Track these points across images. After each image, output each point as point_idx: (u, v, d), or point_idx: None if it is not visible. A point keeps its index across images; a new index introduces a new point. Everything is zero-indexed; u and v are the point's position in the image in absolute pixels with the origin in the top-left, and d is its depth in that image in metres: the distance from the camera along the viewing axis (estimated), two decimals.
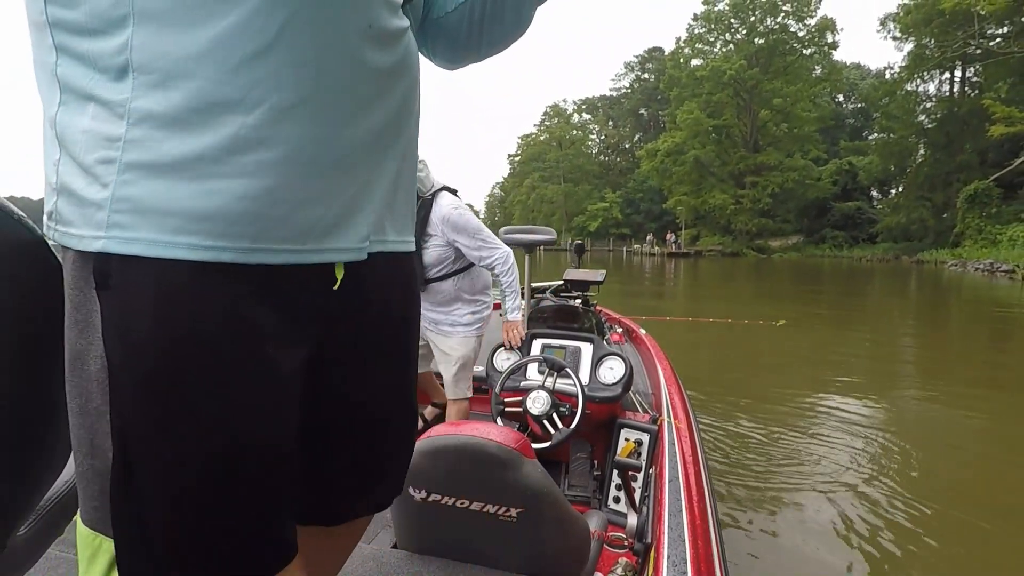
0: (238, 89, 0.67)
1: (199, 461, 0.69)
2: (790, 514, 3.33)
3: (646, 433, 2.47)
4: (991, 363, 8.10)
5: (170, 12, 0.65)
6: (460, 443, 1.42)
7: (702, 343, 8.91)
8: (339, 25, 0.73)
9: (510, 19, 1.04)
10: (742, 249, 47.86)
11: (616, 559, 1.80)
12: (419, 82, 0.92)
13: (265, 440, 0.73)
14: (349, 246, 0.79)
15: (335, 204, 0.76)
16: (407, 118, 0.88)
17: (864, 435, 4.66)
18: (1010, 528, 3.25)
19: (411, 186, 0.95)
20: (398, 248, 0.91)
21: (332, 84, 0.73)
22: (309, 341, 0.79)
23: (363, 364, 0.89)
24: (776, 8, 50.35)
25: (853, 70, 63.59)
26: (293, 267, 0.74)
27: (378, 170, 0.83)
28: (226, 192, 0.68)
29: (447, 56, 1.10)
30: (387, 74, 0.81)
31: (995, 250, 27.85)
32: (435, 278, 2.99)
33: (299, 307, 0.77)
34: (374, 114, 0.80)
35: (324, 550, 1.02)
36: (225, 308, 0.69)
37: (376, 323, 0.90)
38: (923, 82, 41.80)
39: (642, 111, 78.90)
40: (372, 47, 0.77)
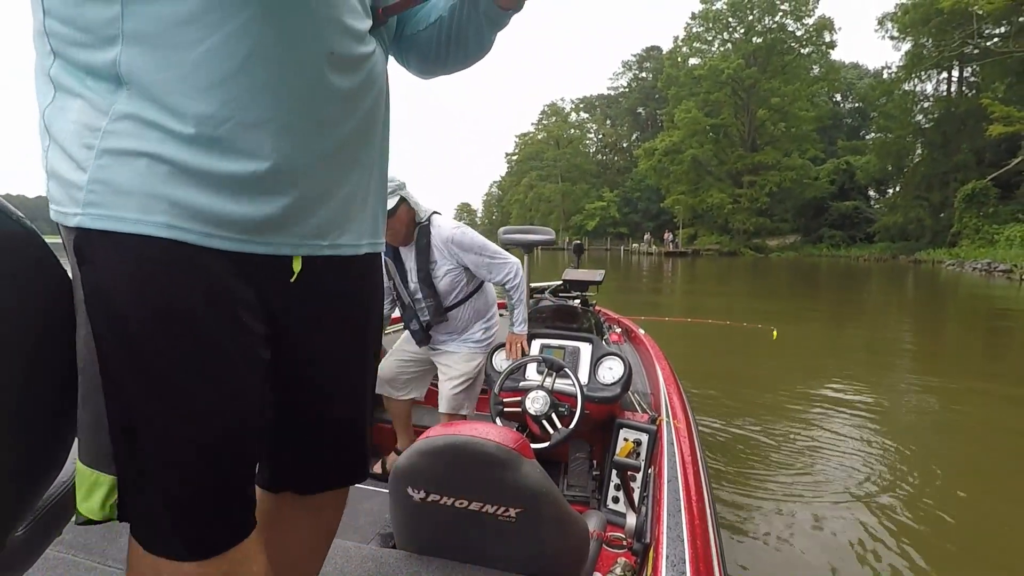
0: (209, 106, 0.77)
1: (184, 420, 0.80)
2: (789, 514, 3.33)
3: (645, 433, 2.46)
4: (991, 363, 8.09)
5: (157, 36, 0.75)
6: (459, 443, 1.41)
7: (701, 343, 8.89)
8: (300, 53, 0.82)
9: (472, 43, 1.14)
10: (739, 248, 47.87)
11: (615, 559, 1.80)
12: (385, 98, 1.02)
13: (240, 403, 0.84)
14: (298, 242, 0.88)
15: (290, 205, 0.85)
16: (371, 132, 0.98)
17: (863, 436, 4.66)
18: (1008, 530, 3.25)
19: (379, 193, 1.06)
20: (362, 251, 1.01)
21: (293, 105, 0.83)
22: (269, 320, 0.90)
23: (326, 346, 1.00)
24: (774, 7, 50.32)
25: (851, 70, 63.59)
26: (250, 255, 0.84)
27: (340, 178, 0.93)
28: (191, 184, 0.77)
29: (419, 68, 1.21)
30: (349, 94, 0.91)
31: (992, 250, 27.88)
32: (452, 305, 2.98)
33: (258, 289, 0.87)
34: (336, 130, 0.89)
35: (304, 526, 1.12)
36: (193, 280, 0.79)
37: (341, 312, 1.01)
38: (920, 82, 41.85)
39: (640, 110, 78.86)
40: (333, 71, 0.87)
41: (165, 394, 0.79)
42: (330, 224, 0.92)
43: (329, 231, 0.93)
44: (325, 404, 1.04)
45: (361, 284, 1.06)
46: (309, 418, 1.03)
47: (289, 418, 1.01)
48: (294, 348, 0.96)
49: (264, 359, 0.88)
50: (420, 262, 2.89)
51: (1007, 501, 3.62)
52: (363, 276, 1.05)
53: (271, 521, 1.08)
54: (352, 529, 2.19)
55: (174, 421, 0.79)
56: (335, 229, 0.94)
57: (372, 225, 1.05)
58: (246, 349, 0.85)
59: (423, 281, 2.90)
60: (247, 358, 0.85)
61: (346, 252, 0.97)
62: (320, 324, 0.99)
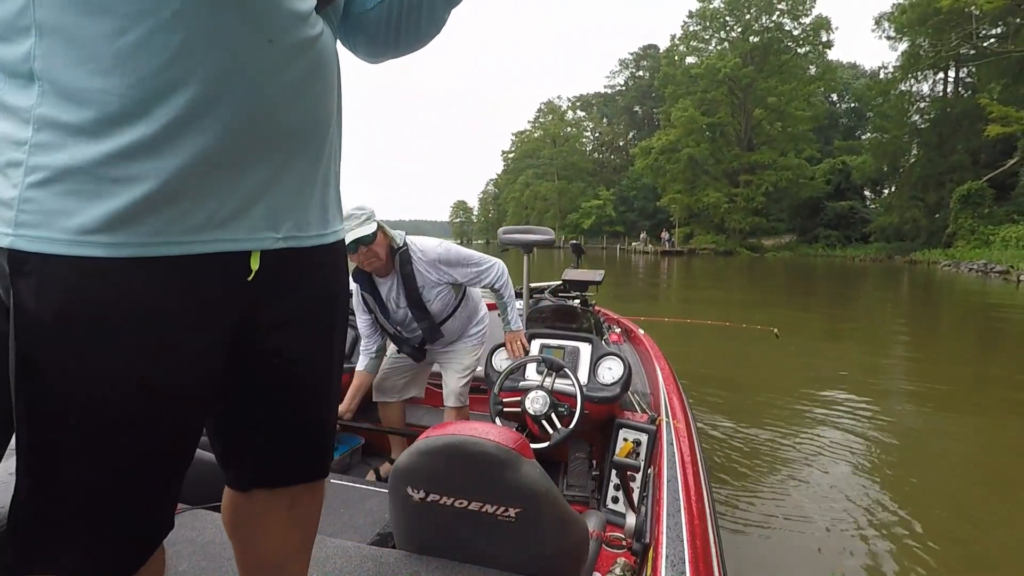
0: (138, 102, 0.73)
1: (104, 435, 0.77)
2: (788, 514, 3.34)
3: (644, 433, 2.47)
4: (992, 365, 8.11)
5: (71, 27, 0.70)
6: (458, 443, 1.42)
7: (700, 344, 8.91)
8: (238, 42, 0.78)
9: (425, 21, 1.10)
10: (736, 248, 47.86)
11: (614, 559, 1.79)
12: (335, 86, 0.99)
13: (165, 431, 0.83)
14: (247, 236, 0.86)
15: (230, 202, 0.83)
16: (319, 121, 0.94)
17: (862, 435, 4.68)
18: (1005, 532, 3.26)
19: (330, 182, 1.02)
20: (318, 242, 0.99)
21: (231, 96, 0.79)
22: (225, 320, 0.87)
23: (291, 339, 0.98)
24: (771, 6, 50.28)
25: (847, 70, 63.63)
26: (198, 256, 0.81)
27: (284, 170, 0.89)
28: (127, 194, 0.74)
29: (367, 51, 1.16)
30: (293, 84, 0.87)
31: (988, 251, 27.92)
32: (445, 319, 2.98)
33: (208, 291, 0.84)
34: (278, 121, 0.85)
35: (280, 521, 1.10)
36: (129, 298, 0.76)
37: (304, 305, 0.99)
38: (917, 82, 41.87)
39: (636, 109, 78.81)
40: (274, 60, 0.83)
41: (81, 418, 0.76)
42: (280, 216, 0.90)
43: (281, 223, 0.90)
44: (290, 399, 1.02)
45: (323, 275, 1.04)
46: (273, 413, 1.01)
47: (252, 414, 1.00)
48: (259, 344, 0.95)
49: (206, 368, 0.86)
50: (408, 289, 2.85)
51: (1008, 504, 3.62)
52: (324, 266, 1.03)
53: (247, 520, 1.10)
54: (352, 529, 2.19)
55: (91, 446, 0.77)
56: (287, 221, 0.91)
57: (326, 214, 1.02)
58: (182, 368, 0.82)
59: (414, 306, 2.88)
60: (180, 380, 0.83)
61: (302, 243, 0.95)
62: (284, 318, 0.97)
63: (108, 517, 0.81)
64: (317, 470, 1.12)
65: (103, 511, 0.80)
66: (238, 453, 1.05)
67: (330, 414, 1.12)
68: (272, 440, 1.03)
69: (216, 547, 1.63)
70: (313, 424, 1.08)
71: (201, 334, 0.84)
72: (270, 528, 1.10)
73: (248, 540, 1.13)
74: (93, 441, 0.77)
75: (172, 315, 0.80)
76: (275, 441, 1.03)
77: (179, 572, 1.54)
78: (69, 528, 0.79)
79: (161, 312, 0.79)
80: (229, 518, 1.13)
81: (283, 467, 1.07)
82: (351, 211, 2.65)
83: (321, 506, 1.20)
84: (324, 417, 1.09)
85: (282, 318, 0.96)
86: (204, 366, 0.86)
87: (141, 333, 0.77)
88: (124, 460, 0.80)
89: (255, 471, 1.07)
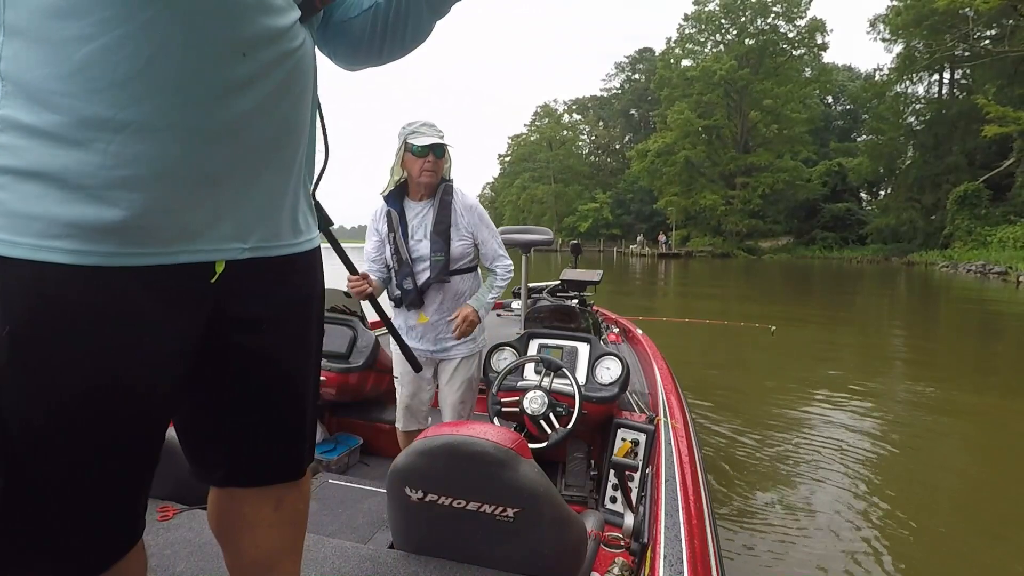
0: (107, 109, 0.71)
1: (71, 441, 0.76)
2: (786, 514, 3.33)
3: (643, 433, 2.46)
4: (993, 369, 8.10)
5: (37, 30, 0.69)
6: (456, 443, 1.41)
7: (698, 343, 8.88)
8: (209, 55, 0.76)
9: (411, 31, 1.09)
10: (732, 250, 47.94)
11: (613, 559, 1.80)
12: (309, 95, 0.97)
13: (128, 434, 0.81)
14: (214, 247, 0.85)
15: (196, 214, 0.81)
16: (291, 134, 0.93)
17: (862, 435, 4.65)
18: (1005, 536, 3.22)
19: (300, 193, 1.00)
20: (287, 251, 0.98)
21: (201, 109, 0.77)
22: (190, 326, 0.86)
23: (269, 338, 0.97)
24: (767, 9, 50.50)
25: (842, 72, 63.80)
26: (164, 266, 0.80)
27: (253, 183, 0.88)
28: (93, 204, 0.72)
29: (348, 59, 1.14)
30: (264, 97, 0.85)
31: (985, 251, 28.02)
32: (456, 271, 2.82)
33: (173, 301, 0.82)
34: (248, 133, 0.84)
35: (266, 520, 1.08)
36: (91, 306, 0.75)
37: (279, 306, 0.98)
38: (912, 84, 42.05)
39: (632, 112, 78.90)
40: (246, 74, 0.81)
41: (43, 423, 0.75)
42: (248, 228, 0.89)
43: (249, 234, 0.89)
44: (268, 399, 1.01)
45: (297, 280, 1.02)
46: (253, 413, 1.00)
47: (232, 414, 0.99)
48: (234, 345, 0.94)
49: (170, 375, 0.85)
50: (441, 216, 2.76)
51: (1004, 507, 3.58)
52: (298, 272, 1.02)
53: (233, 522, 1.10)
54: (350, 529, 2.17)
55: (55, 446, 0.76)
56: (255, 232, 0.90)
57: (296, 224, 1.01)
58: (145, 375, 0.81)
59: (440, 234, 2.74)
60: (143, 387, 0.81)
61: (271, 253, 0.94)
62: (258, 320, 0.95)
63: (75, 521, 0.79)
64: (298, 469, 1.11)
65: (70, 514, 0.78)
66: (217, 451, 1.04)
67: (309, 413, 1.10)
68: (251, 439, 1.02)
69: (213, 547, 1.60)
70: (293, 422, 1.07)
71: (165, 342, 0.83)
72: (257, 529, 1.09)
73: (236, 542, 1.12)
74: (55, 446, 0.75)
75: (136, 323, 0.78)
76: (254, 440, 1.02)
77: (176, 572, 1.54)
78: (33, 532, 0.77)
79: (124, 320, 0.77)
80: (215, 521, 1.13)
81: (263, 465, 1.06)
82: (432, 123, 2.66)
83: (308, 504, 1.19)
84: (303, 416, 1.08)
85: (256, 321, 0.95)
86: (168, 373, 0.85)
87: (104, 340, 0.76)
88: (87, 465, 0.78)
89: (235, 469, 1.05)
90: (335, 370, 3.06)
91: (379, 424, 3.34)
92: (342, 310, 3.54)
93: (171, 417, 0.92)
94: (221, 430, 1.01)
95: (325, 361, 3.05)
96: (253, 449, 1.03)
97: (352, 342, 3.24)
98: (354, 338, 3.24)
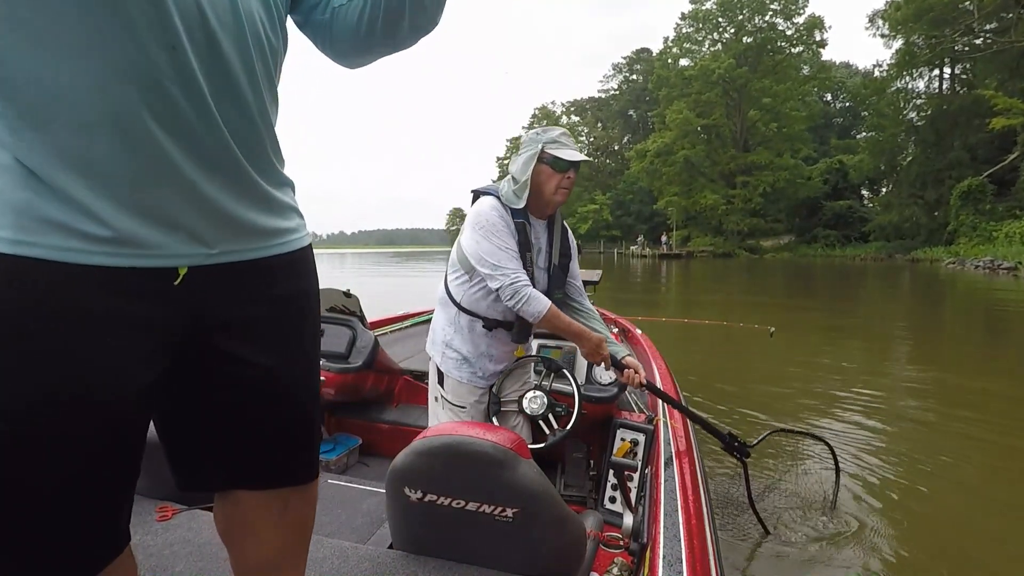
0: (33, 100, 0.71)
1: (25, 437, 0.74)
2: (786, 513, 3.29)
3: (642, 433, 2.51)
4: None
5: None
6: (456, 443, 1.42)
7: (697, 344, 8.77)
8: (138, 44, 0.73)
9: (409, 13, 0.99)
10: (734, 249, 47.88)
11: (612, 559, 1.82)
12: (271, 89, 0.93)
13: (93, 434, 0.78)
14: (171, 253, 0.82)
15: (149, 217, 0.78)
16: (243, 137, 0.88)
17: (861, 436, 4.55)
18: (1006, 537, 3.11)
19: (257, 197, 0.93)
20: (260, 254, 0.94)
21: (135, 110, 0.74)
22: (154, 330, 0.82)
23: (260, 341, 0.95)
24: (764, 6, 50.54)
25: (841, 69, 63.88)
26: (122, 268, 0.78)
27: (206, 186, 0.84)
28: (43, 196, 0.72)
29: (338, 51, 1.06)
30: (203, 95, 0.80)
31: (991, 247, 27.80)
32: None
33: (132, 303, 0.79)
34: (194, 138, 0.80)
35: (271, 523, 1.06)
36: (39, 301, 0.73)
37: (265, 308, 0.96)
38: (912, 79, 41.95)
39: (631, 112, 79.12)
40: (177, 69, 0.77)
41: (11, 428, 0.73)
42: (212, 232, 0.86)
43: (215, 239, 0.86)
44: (264, 404, 0.97)
45: (282, 281, 0.98)
46: (247, 418, 0.97)
47: (225, 420, 0.96)
48: (221, 350, 0.91)
49: (138, 381, 0.81)
50: (564, 248, 2.42)
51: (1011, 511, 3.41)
52: (282, 272, 0.98)
53: (238, 526, 1.06)
54: (349, 529, 2.18)
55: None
56: (221, 236, 0.87)
57: (269, 225, 0.95)
58: (107, 380, 0.78)
59: (563, 268, 2.41)
60: (105, 391, 0.78)
61: (244, 257, 0.91)
62: (243, 323, 0.93)
63: (44, 534, 0.76)
64: (307, 472, 1.07)
65: (38, 527, 0.76)
66: (217, 457, 0.99)
67: (312, 415, 1.06)
68: (250, 443, 0.99)
69: (213, 547, 1.64)
70: (295, 426, 1.03)
71: (126, 346, 0.79)
72: (263, 533, 1.06)
73: (241, 544, 1.08)
74: (12, 454, 0.73)
75: (90, 325, 0.76)
76: (259, 443, 0.99)
77: (176, 572, 1.54)
78: (5, 546, 0.75)
79: (77, 319, 0.75)
80: (221, 525, 1.09)
81: (271, 468, 1.02)
82: (567, 132, 2.28)
83: (315, 508, 1.16)
84: (306, 418, 1.05)
85: (240, 324, 0.92)
86: (134, 379, 0.81)
87: (55, 342, 0.74)
88: (50, 475, 0.75)
89: (240, 472, 1.01)
90: (334, 370, 3.05)
91: (378, 424, 3.34)
92: (341, 310, 3.52)
93: (144, 426, 0.86)
94: (218, 435, 0.97)
95: (324, 361, 3.06)
96: (258, 452, 1.00)
97: (351, 342, 3.23)
98: (353, 338, 3.24)
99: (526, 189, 2.19)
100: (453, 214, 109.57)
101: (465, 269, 2.25)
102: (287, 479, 1.05)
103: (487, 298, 2.25)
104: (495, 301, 2.23)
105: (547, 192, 2.23)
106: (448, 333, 2.33)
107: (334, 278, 26.37)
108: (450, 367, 2.32)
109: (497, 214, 2.19)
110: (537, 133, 2.24)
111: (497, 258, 2.12)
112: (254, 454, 0.99)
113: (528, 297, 2.10)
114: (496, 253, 2.13)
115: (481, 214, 2.19)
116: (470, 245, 2.18)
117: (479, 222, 2.17)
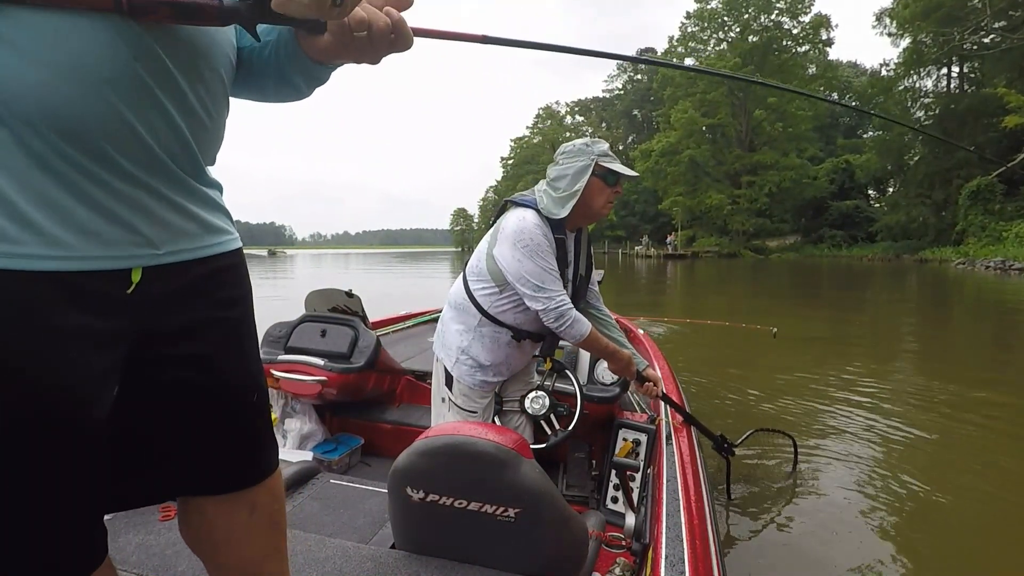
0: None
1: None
2: (787, 513, 3.30)
3: (644, 433, 2.52)
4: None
5: None
6: (457, 443, 1.43)
7: (700, 344, 8.73)
8: (93, 60, 0.73)
9: (273, 85, 1.05)
10: (739, 250, 47.67)
11: (614, 559, 1.82)
12: (211, 115, 0.93)
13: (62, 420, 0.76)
14: (120, 255, 0.81)
15: (96, 220, 0.77)
16: (189, 144, 0.89)
17: (862, 435, 4.51)
18: (1009, 538, 3.10)
19: (209, 196, 0.97)
20: (204, 253, 0.95)
21: (82, 113, 0.74)
22: (105, 336, 0.81)
23: (203, 342, 0.95)
24: (770, 5, 50.35)
25: (847, 68, 63.60)
26: (73, 272, 0.76)
27: (157, 185, 0.84)
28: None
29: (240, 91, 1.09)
30: (142, 94, 0.80)
31: (1001, 247, 27.53)
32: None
33: (86, 307, 0.78)
34: (138, 143, 0.80)
35: (242, 524, 1.06)
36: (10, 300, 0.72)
37: (208, 309, 0.96)
38: (919, 78, 41.63)
39: (635, 112, 78.99)
40: (113, 70, 0.76)
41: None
42: (159, 233, 0.86)
43: (161, 240, 0.86)
44: (212, 403, 0.98)
45: (222, 282, 0.99)
46: (200, 423, 0.97)
47: (177, 425, 0.96)
48: (167, 353, 0.91)
49: (99, 389, 0.80)
50: (589, 262, 2.41)
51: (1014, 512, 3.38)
52: (221, 273, 0.99)
53: (209, 530, 1.06)
54: (351, 529, 2.18)
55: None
56: (167, 237, 0.87)
57: (209, 226, 0.96)
58: (65, 389, 0.76)
59: (586, 277, 2.39)
60: (63, 403, 0.76)
61: (191, 256, 0.92)
62: (188, 326, 0.93)
63: (12, 555, 0.75)
64: (260, 470, 1.07)
65: (6, 548, 0.74)
66: (168, 465, 0.98)
67: (263, 411, 1.07)
68: (202, 446, 0.99)
69: None
70: (244, 423, 1.03)
71: (84, 353, 0.77)
72: (234, 537, 1.06)
73: (215, 553, 1.08)
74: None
75: (43, 329, 0.74)
76: (205, 447, 0.99)
77: (178, 572, 1.55)
78: None
79: (29, 325, 0.73)
80: (189, 534, 1.08)
81: (224, 472, 1.02)
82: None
83: (284, 502, 1.16)
84: (253, 415, 1.05)
85: (186, 326, 0.93)
86: (94, 386, 0.80)
87: (10, 351, 0.72)
88: (8, 487, 0.73)
89: (194, 479, 1.01)
90: (336, 370, 3.07)
91: (380, 424, 3.36)
92: (343, 310, 3.57)
93: (106, 434, 0.84)
94: (171, 442, 0.97)
95: (327, 361, 3.09)
96: (215, 456, 1.00)
97: (353, 342, 3.26)
98: (355, 338, 3.26)
99: (574, 199, 2.13)
100: (457, 214, 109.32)
101: (497, 283, 2.20)
102: (249, 478, 1.04)
103: (516, 310, 2.20)
104: (524, 313, 2.20)
105: (596, 205, 2.20)
106: (465, 340, 2.27)
107: (335, 277, 26.30)
108: (463, 373, 2.27)
109: (541, 232, 2.13)
110: (586, 144, 2.18)
111: (542, 279, 2.09)
112: (210, 459, 0.99)
113: (573, 321, 2.11)
114: (541, 275, 2.09)
115: (525, 232, 2.11)
116: (511, 263, 2.12)
117: (523, 240, 2.11)
